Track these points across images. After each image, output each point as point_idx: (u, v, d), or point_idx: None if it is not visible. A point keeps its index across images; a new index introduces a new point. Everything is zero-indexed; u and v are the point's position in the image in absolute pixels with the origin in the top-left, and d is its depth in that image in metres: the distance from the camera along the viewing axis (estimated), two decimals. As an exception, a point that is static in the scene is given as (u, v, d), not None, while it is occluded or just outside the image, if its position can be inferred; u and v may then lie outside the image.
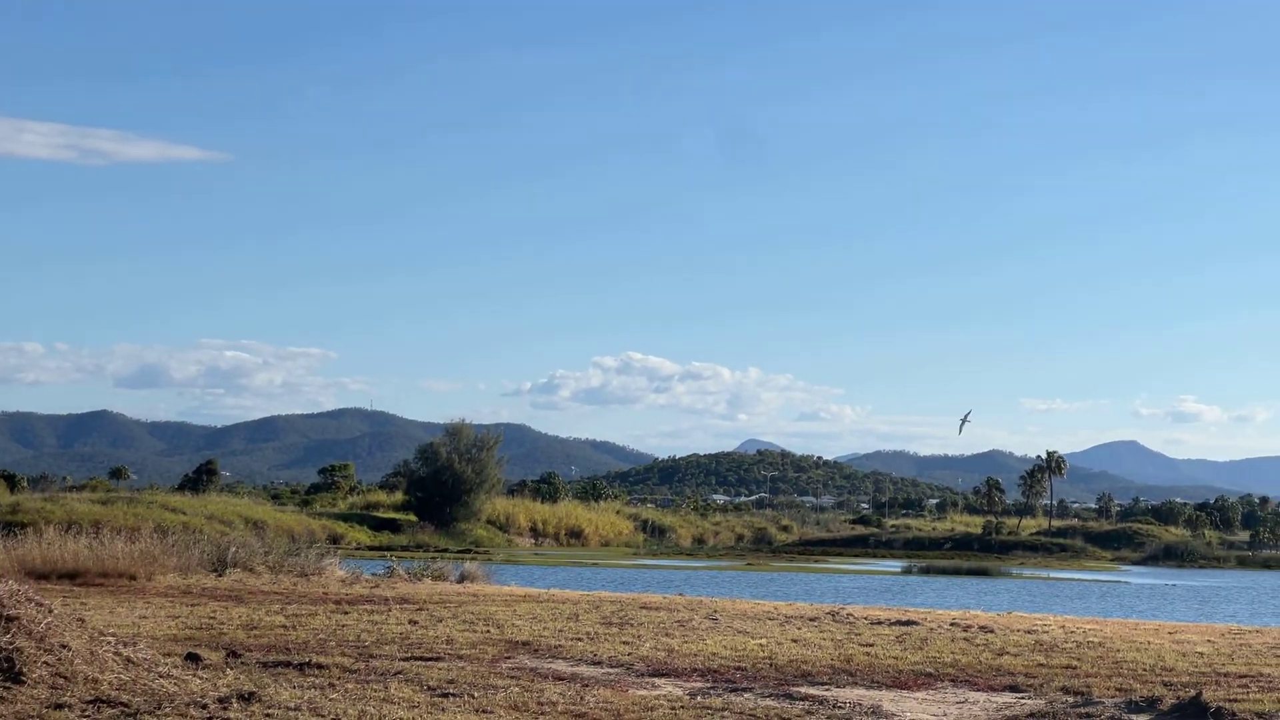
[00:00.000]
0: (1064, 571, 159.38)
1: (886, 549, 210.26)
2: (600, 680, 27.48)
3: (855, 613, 46.76)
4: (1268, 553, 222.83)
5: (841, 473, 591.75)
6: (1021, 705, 26.13)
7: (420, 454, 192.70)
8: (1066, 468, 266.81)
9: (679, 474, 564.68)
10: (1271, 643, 39.84)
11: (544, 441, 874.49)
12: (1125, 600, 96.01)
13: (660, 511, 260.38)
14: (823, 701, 25.29)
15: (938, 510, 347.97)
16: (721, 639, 35.78)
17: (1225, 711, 24.54)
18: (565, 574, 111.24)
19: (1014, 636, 38.77)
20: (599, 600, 50.23)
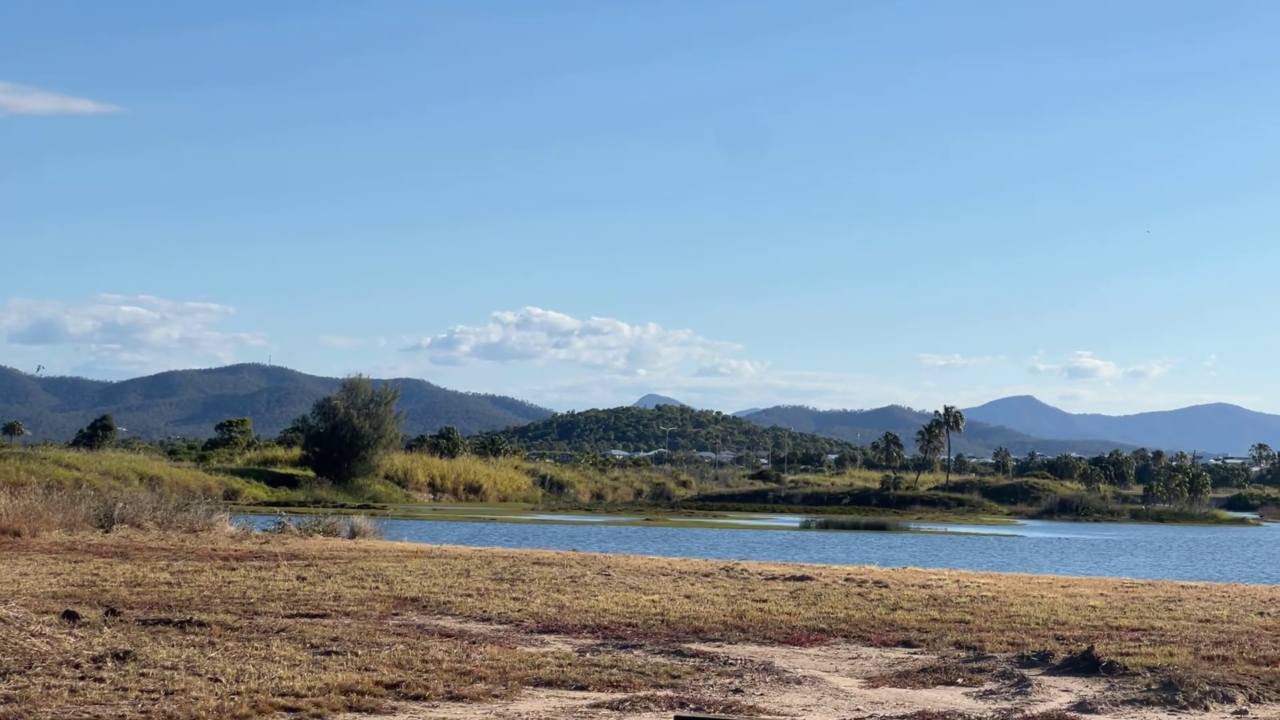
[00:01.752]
0: (961, 526, 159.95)
1: (785, 504, 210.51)
2: (488, 637, 27.06)
3: (750, 568, 46.49)
4: (1161, 506, 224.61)
5: (741, 428, 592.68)
6: (914, 660, 25.89)
7: (318, 409, 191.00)
8: (964, 423, 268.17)
9: (578, 429, 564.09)
10: (1164, 596, 39.84)
11: (443, 397, 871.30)
12: (1021, 554, 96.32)
13: (559, 467, 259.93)
14: (714, 658, 24.96)
15: (837, 465, 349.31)
16: (613, 595, 35.40)
17: (1117, 665, 24.39)
18: (463, 529, 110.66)
19: (908, 591, 38.58)
20: (491, 556, 49.77)
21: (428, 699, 19.86)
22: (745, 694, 21.53)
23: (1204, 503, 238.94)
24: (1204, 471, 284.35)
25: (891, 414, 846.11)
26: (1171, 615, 33.93)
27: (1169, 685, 22.26)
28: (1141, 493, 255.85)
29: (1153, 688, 22.33)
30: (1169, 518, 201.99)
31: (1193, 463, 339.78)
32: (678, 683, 22.19)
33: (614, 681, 21.90)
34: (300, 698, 19.04)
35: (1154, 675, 23.29)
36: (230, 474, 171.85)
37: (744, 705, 20.33)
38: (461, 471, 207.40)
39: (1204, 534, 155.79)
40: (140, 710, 17.86)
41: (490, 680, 21.41)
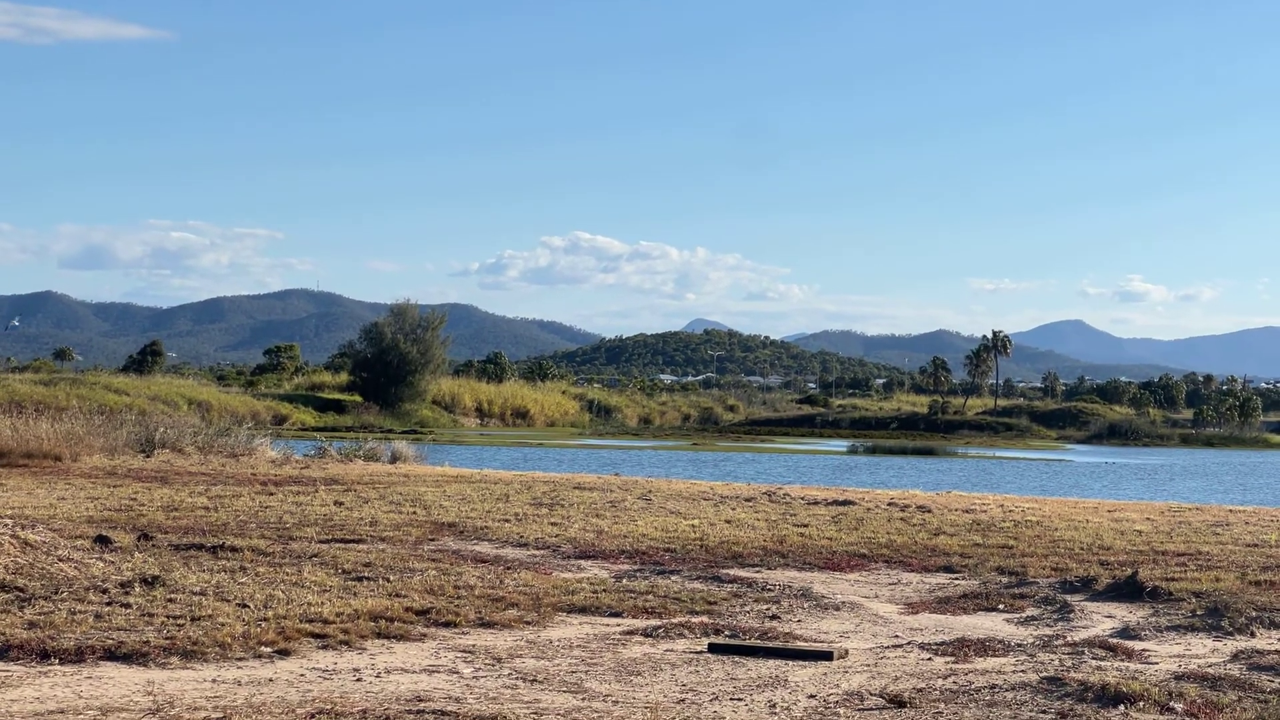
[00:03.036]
0: (1009, 450, 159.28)
1: (833, 429, 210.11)
2: (524, 563, 26.77)
3: (792, 493, 46.17)
4: (1211, 431, 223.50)
5: (789, 352, 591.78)
6: (955, 586, 25.52)
7: (365, 334, 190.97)
8: (1012, 347, 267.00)
9: (626, 354, 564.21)
10: (1211, 520, 39.37)
11: (491, 322, 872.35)
12: (1068, 479, 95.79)
13: (606, 391, 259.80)
14: (752, 584, 24.62)
15: (884, 390, 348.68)
16: (653, 520, 35.10)
17: (1161, 590, 23.97)
18: (509, 454, 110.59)
19: (951, 516, 38.20)
20: (532, 480, 49.54)
21: (458, 625, 19.56)
22: (782, 620, 21.19)
23: (1255, 426, 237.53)
24: (1255, 395, 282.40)
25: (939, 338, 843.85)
26: (1219, 540, 33.47)
27: (1214, 611, 21.86)
28: (1191, 417, 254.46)
29: (1197, 613, 21.92)
30: (1219, 442, 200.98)
31: (1243, 386, 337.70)
32: (713, 609, 21.86)
33: (649, 608, 21.58)
34: (328, 624, 18.76)
35: (1199, 601, 22.89)
36: (278, 399, 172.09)
37: (780, 632, 19.98)
38: (509, 396, 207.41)
39: (1254, 458, 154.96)
40: (165, 636, 17.60)
41: (523, 607, 21.11)
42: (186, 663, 16.60)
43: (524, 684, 15.97)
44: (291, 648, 17.49)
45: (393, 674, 16.38)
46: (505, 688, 15.73)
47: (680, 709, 14.82)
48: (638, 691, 15.73)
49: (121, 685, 15.37)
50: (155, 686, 15.31)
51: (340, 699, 14.73)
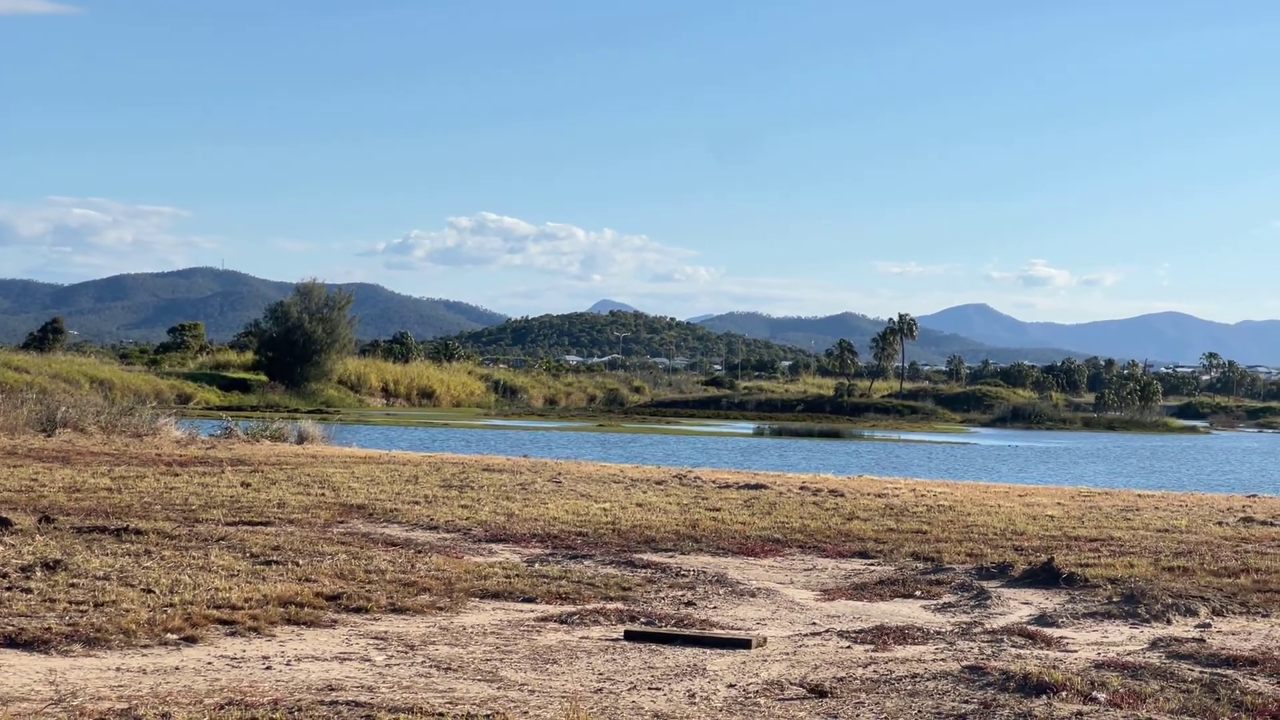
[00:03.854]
0: (915, 434, 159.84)
1: (739, 410, 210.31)
2: (435, 546, 26.40)
3: (703, 476, 45.99)
4: (1112, 414, 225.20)
5: (694, 334, 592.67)
6: (871, 572, 25.34)
7: (271, 314, 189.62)
8: (918, 330, 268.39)
9: (532, 335, 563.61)
10: (1121, 505, 39.44)
11: (397, 302, 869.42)
12: (976, 462, 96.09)
13: (513, 372, 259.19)
14: (666, 569, 24.35)
15: (790, 372, 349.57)
16: (564, 503, 34.79)
17: (1077, 577, 23.88)
18: (416, 434, 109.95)
19: (864, 500, 38.08)
20: (441, 462, 49.12)
21: (370, 611, 19.18)
22: (698, 607, 20.93)
23: (1155, 411, 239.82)
24: (1155, 380, 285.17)
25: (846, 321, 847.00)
26: (1130, 525, 33.50)
27: (1131, 598, 21.76)
28: (1093, 401, 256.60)
29: (1114, 600, 21.83)
30: (1120, 426, 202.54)
31: (1144, 371, 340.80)
32: (628, 595, 21.58)
33: (562, 593, 21.27)
34: (236, 609, 18.34)
35: (1115, 587, 22.81)
36: (182, 378, 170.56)
37: (696, 619, 19.72)
38: (415, 376, 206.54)
39: (1155, 442, 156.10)
40: (67, 623, 17.14)
41: (435, 592, 20.76)
42: (90, 650, 16.15)
43: (438, 672, 15.63)
44: (198, 635, 17.07)
45: (303, 662, 15.99)
46: (419, 676, 15.38)
47: (598, 699, 14.51)
48: (554, 680, 15.42)
49: (22, 674, 14.91)
50: (57, 675, 14.87)
51: (249, 688, 14.34)
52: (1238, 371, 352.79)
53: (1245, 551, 28.49)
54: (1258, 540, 30.99)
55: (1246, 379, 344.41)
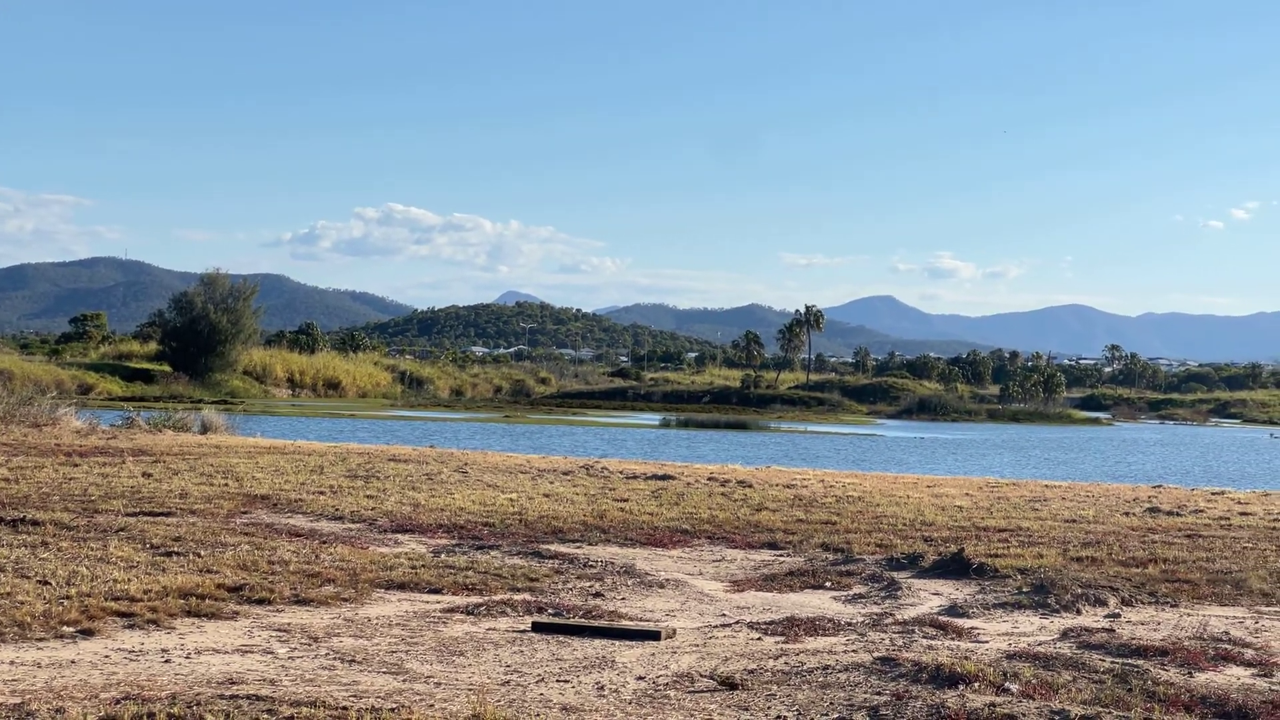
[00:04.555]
0: (821, 425, 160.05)
1: (645, 402, 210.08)
2: (340, 537, 26.06)
3: (610, 467, 45.73)
4: (1017, 406, 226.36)
5: (601, 325, 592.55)
6: (781, 563, 25.18)
7: (175, 304, 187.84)
8: (825, 322, 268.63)
9: (439, 326, 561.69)
10: (1029, 496, 39.49)
11: (303, 292, 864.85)
12: (884, 453, 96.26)
13: (419, 363, 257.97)
14: (574, 560, 24.10)
15: (697, 364, 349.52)
16: (470, 493, 34.49)
17: (987, 567, 23.81)
18: (322, 425, 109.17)
19: (773, 491, 37.94)
20: (346, 452, 48.67)
21: (272, 603, 18.84)
22: (606, 598, 20.70)
23: (1058, 402, 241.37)
24: (1058, 372, 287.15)
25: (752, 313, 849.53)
26: (1038, 515, 33.51)
27: (1040, 588, 21.67)
28: (998, 392, 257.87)
29: (1024, 590, 21.74)
30: (1024, 417, 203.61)
31: (1048, 363, 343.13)
32: (535, 586, 21.32)
33: (469, 584, 20.99)
34: (135, 602, 17.96)
35: (1025, 578, 22.73)
36: (84, 369, 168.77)
37: (604, 610, 19.46)
38: (321, 367, 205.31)
39: (1059, 433, 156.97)
40: (-39, 616, 16.72)
41: (339, 583, 20.44)
42: (-16, 643, 15.75)
43: (342, 665, 15.31)
44: (96, 627, 16.67)
45: (203, 655, 15.63)
46: (323, 669, 15.06)
47: (506, 691, 14.24)
48: (461, 673, 15.13)
49: (-86, 668, 14.51)
50: (-50, 669, 14.48)
51: (147, 682, 13.99)
52: (1139, 364, 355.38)
53: (1152, 542, 28.51)
54: (1164, 530, 31.04)
55: (1148, 371, 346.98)
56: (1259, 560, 25.89)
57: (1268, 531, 31.55)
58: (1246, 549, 27.75)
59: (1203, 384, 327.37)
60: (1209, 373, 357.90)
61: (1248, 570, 24.27)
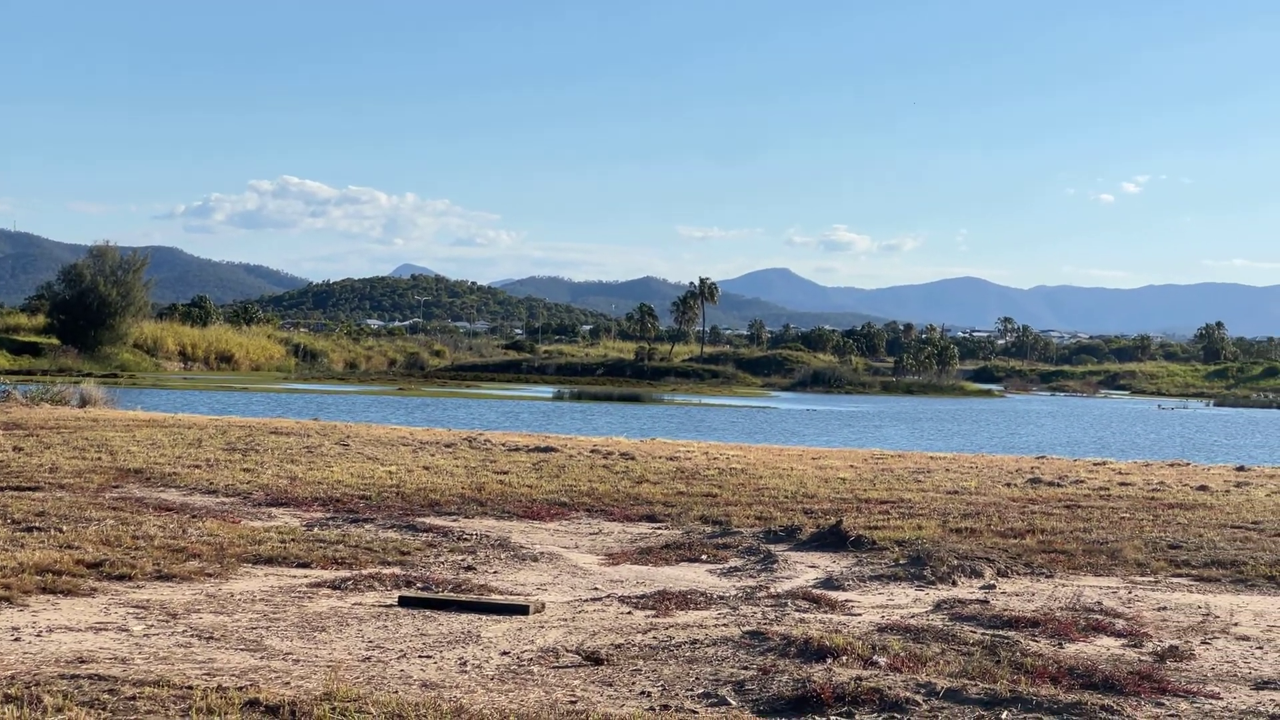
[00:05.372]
0: (715, 398, 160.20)
1: (539, 374, 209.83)
2: (212, 511, 25.62)
3: (494, 439, 45.42)
4: (911, 378, 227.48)
5: (496, 298, 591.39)
6: (658, 536, 24.95)
7: (64, 276, 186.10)
8: (719, 295, 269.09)
9: (333, 299, 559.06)
10: (913, 467, 39.47)
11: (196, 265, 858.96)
12: (775, 426, 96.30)
13: (313, 336, 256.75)
14: (448, 533, 23.79)
15: (591, 336, 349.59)
16: (349, 466, 34.11)
17: (865, 539, 23.68)
18: (212, 398, 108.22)
19: (655, 464, 37.74)
20: (227, 425, 48.09)
21: (133, 579, 18.42)
22: (478, 571, 20.41)
23: (952, 374, 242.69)
24: (952, 344, 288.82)
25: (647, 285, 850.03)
26: (920, 487, 33.46)
27: (917, 559, 21.57)
28: (892, 365, 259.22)
29: (900, 562, 21.63)
30: (918, 389, 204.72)
31: (941, 336, 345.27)
32: (407, 559, 21.00)
33: (339, 558, 20.65)
34: (-10, 578, 17.51)
35: (902, 550, 22.61)
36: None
37: (475, 584, 19.17)
38: (213, 340, 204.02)
39: (952, 405, 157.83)
40: None
41: (205, 558, 20.04)
42: None
43: (199, 642, 14.95)
44: (-54, 605, 16.24)
45: (55, 632, 15.22)
46: (178, 646, 14.69)
47: (365, 668, 13.93)
48: (321, 649, 14.81)
49: None
50: None
51: (-7, 661, 13.58)
52: (1031, 336, 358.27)
53: (1032, 512, 28.51)
54: (1044, 501, 31.08)
55: (1040, 343, 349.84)
56: (1135, 530, 25.92)
57: (1146, 502, 31.64)
58: (1124, 519, 27.79)
59: (1093, 356, 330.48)
60: (1099, 345, 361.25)
61: (1123, 541, 24.27)
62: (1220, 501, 32.32)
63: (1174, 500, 32.21)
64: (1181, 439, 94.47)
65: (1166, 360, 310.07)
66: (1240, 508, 30.93)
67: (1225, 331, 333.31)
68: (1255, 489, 36.36)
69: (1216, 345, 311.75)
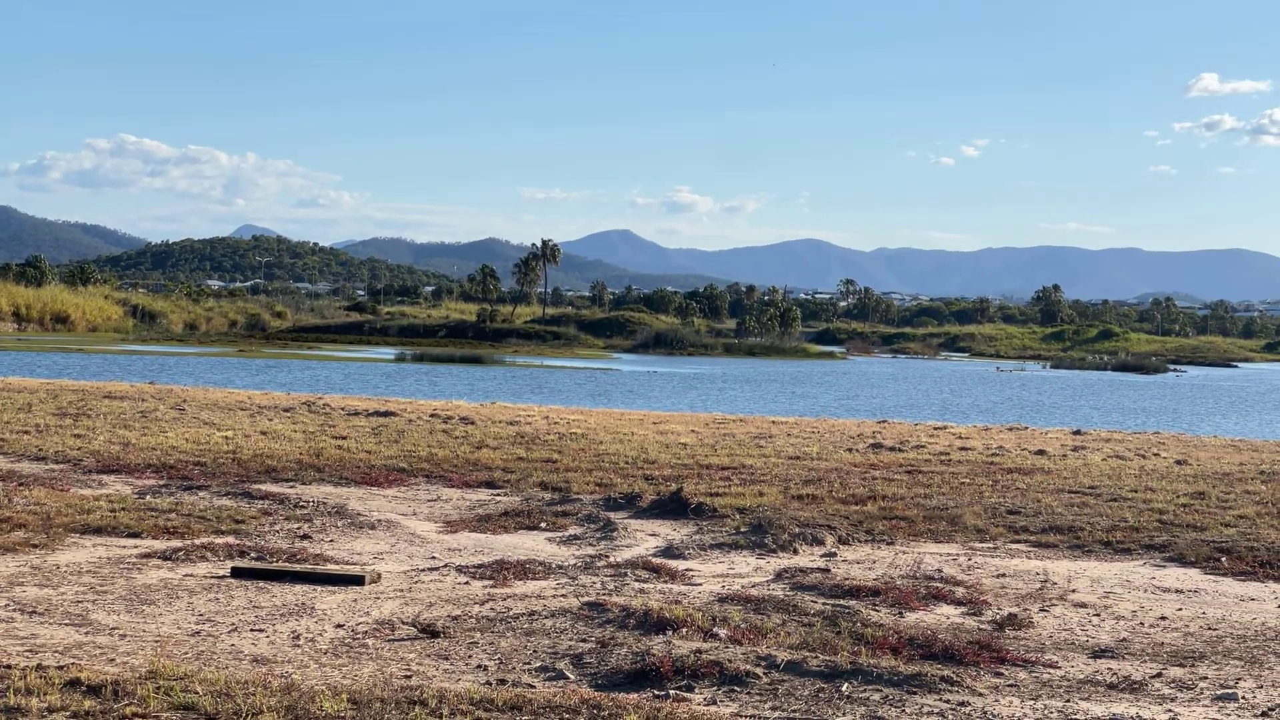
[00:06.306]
0: (557, 360, 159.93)
1: (381, 336, 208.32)
2: (40, 478, 25.03)
3: (333, 403, 44.93)
4: (753, 340, 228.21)
5: (338, 259, 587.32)
6: (497, 503, 24.69)
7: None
8: (561, 256, 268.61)
9: (173, 260, 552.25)
10: (755, 432, 39.45)
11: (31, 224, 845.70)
12: (617, 388, 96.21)
13: (151, 297, 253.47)
14: (284, 500, 23.39)
15: (433, 298, 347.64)
16: (185, 431, 33.54)
17: (706, 507, 23.55)
18: (45, 360, 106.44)
19: (495, 429, 37.45)
20: (59, 389, 47.23)
21: (-45, 551, 17.90)
22: (314, 540, 20.07)
23: (794, 336, 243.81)
24: (794, 306, 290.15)
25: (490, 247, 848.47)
26: (762, 453, 33.43)
27: (758, 528, 21.46)
28: (735, 327, 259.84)
29: (742, 530, 21.52)
30: (761, 351, 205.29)
31: (784, 297, 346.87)
32: (241, 528, 20.61)
33: (170, 528, 20.20)
34: None
35: (744, 517, 22.50)
36: None
37: (311, 553, 18.84)
38: (48, 301, 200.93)
39: (795, 368, 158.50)
40: None
41: (31, 528, 19.54)
42: None
43: (22, 616, 14.52)
44: None
45: None
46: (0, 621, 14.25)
47: (194, 642, 13.59)
48: (149, 623, 14.43)
49: None
50: None
51: None
52: (873, 298, 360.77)
53: (873, 478, 28.55)
54: (885, 466, 31.15)
55: (881, 305, 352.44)
56: (974, 496, 26.02)
57: (985, 467, 31.82)
58: (964, 485, 27.90)
59: (933, 318, 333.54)
60: (939, 307, 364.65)
61: (963, 507, 24.34)
62: (1058, 466, 32.59)
63: (1013, 465, 32.43)
64: (1019, 401, 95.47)
65: (1005, 323, 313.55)
66: (1077, 472, 31.20)
67: (1062, 294, 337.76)
68: (1091, 453, 36.71)
69: (1053, 308, 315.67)
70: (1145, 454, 36.94)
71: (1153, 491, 27.49)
